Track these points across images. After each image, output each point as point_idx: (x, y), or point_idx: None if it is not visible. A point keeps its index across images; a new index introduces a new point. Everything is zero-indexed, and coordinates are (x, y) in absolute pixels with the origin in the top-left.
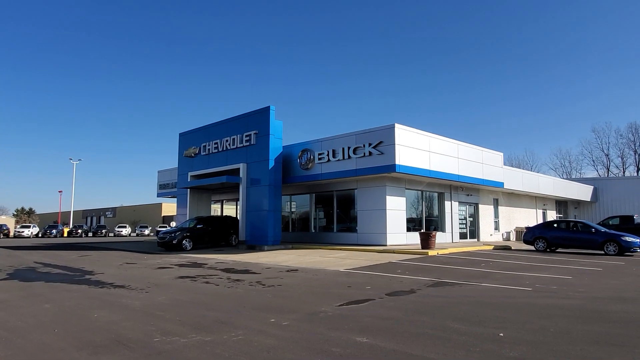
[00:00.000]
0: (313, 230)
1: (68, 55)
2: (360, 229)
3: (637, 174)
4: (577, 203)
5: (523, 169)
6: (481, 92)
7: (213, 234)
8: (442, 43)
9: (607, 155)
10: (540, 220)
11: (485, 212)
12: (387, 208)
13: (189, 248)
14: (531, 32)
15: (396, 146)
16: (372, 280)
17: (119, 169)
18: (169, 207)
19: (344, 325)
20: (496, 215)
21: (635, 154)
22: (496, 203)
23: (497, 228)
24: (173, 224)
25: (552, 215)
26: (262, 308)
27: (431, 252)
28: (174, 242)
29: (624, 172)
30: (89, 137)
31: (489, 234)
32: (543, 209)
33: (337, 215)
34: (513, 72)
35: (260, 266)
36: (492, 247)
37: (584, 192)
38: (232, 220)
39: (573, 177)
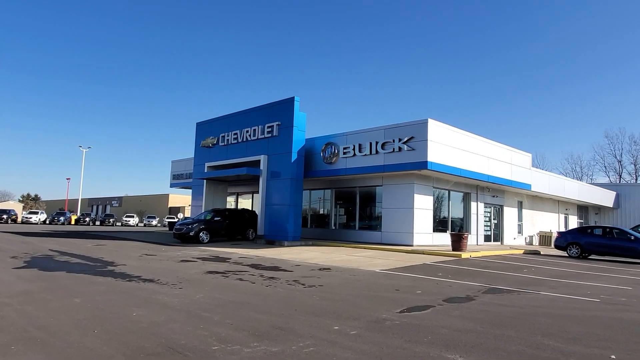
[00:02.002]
0: (333, 227)
1: (80, 41)
2: (384, 228)
3: None
4: (598, 209)
5: None
6: (487, 93)
7: (230, 227)
8: (456, 48)
9: (619, 161)
10: (562, 225)
11: (510, 214)
12: (415, 207)
13: (205, 241)
14: (547, 40)
15: (428, 142)
16: (417, 283)
17: (126, 158)
18: (176, 198)
19: (421, 337)
20: (520, 218)
21: None
22: (520, 206)
23: (520, 231)
24: (180, 215)
25: (573, 220)
26: (316, 312)
27: (464, 255)
28: (190, 234)
29: (636, 179)
30: (97, 125)
31: (512, 237)
32: (565, 214)
33: (359, 212)
34: (524, 75)
35: (289, 263)
36: (522, 252)
37: (606, 198)
38: (250, 214)
39: (584, 182)
